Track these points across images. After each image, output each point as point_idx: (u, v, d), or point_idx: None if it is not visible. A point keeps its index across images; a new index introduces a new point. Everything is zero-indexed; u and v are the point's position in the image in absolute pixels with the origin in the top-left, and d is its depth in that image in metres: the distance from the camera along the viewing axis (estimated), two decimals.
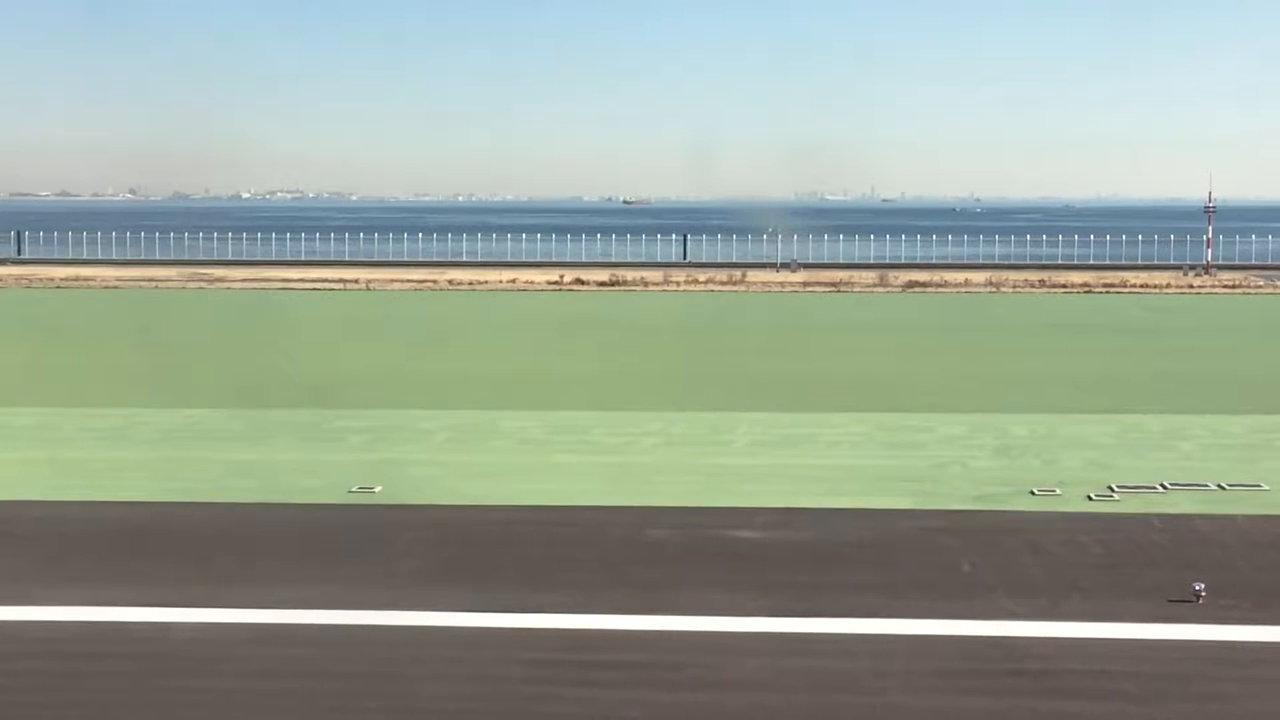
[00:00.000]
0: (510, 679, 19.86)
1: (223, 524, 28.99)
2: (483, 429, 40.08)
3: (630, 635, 21.79)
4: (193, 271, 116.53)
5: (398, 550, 26.70)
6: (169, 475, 33.83)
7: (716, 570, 25.41)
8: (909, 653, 20.67)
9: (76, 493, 31.76)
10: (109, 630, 21.90)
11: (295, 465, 34.82)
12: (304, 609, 22.81)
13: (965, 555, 25.98)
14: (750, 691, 19.20)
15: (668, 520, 29.12)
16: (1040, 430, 39.29)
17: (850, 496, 31.32)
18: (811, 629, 21.85)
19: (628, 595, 23.79)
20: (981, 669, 19.99)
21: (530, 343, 67.06)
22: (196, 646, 21.21)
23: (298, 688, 19.54)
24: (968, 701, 18.79)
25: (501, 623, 22.29)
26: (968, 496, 31.12)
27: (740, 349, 64.06)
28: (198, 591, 23.80)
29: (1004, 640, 21.13)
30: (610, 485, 32.65)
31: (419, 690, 19.43)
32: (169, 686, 19.63)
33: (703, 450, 37.08)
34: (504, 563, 25.97)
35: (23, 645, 21.33)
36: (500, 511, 29.98)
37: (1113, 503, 30.17)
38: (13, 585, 24.21)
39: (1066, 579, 24.39)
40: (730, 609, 22.91)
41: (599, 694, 19.33)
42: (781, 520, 29.05)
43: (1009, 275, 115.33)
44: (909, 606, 22.84)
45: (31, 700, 19.09)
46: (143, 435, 39.31)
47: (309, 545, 27.17)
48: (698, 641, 21.47)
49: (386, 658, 20.70)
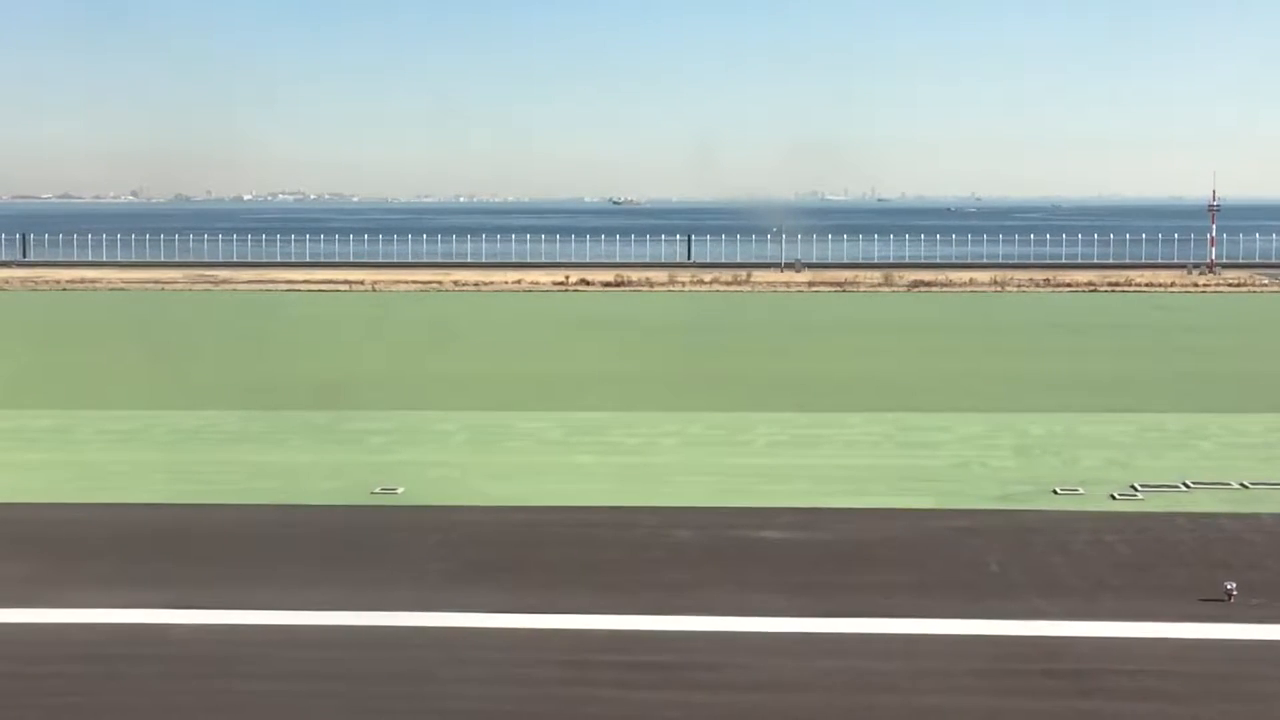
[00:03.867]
0: (548, 680, 19.86)
1: (248, 526, 28.99)
2: (499, 430, 40.08)
3: (665, 636, 21.79)
4: (198, 273, 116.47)
5: (424, 551, 26.71)
6: (190, 478, 33.84)
7: (745, 570, 25.42)
8: (945, 653, 20.67)
9: (99, 495, 31.77)
10: (143, 632, 21.91)
11: (315, 467, 34.81)
12: (336, 610, 22.82)
13: (993, 555, 25.99)
14: (789, 692, 19.21)
15: (692, 520, 29.13)
16: (1058, 429, 39.30)
17: (873, 497, 31.32)
18: (845, 629, 21.86)
19: (658, 596, 23.79)
20: (1019, 669, 20.00)
21: (540, 343, 67.05)
22: (233, 648, 21.21)
23: (336, 690, 19.55)
24: (1007, 702, 18.80)
25: (535, 624, 22.29)
26: (990, 496, 31.13)
27: (751, 349, 64.07)
28: (229, 593, 23.81)
29: (1039, 640, 21.13)
30: (631, 486, 32.65)
31: (457, 692, 19.44)
32: (208, 688, 19.63)
33: (722, 450, 37.09)
34: (532, 563, 25.98)
35: (60, 648, 21.34)
36: (524, 512, 29.98)
37: (1136, 502, 30.18)
38: (44, 587, 24.23)
39: (1096, 578, 24.40)
40: (762, 609, 22.91)
41: (638, 695, 19.33)
42: (806, 520, 29.06)
43: (1014, 275, 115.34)
44: (941, 607, 22.85)
45: (72, 702, 19.11)
46: (161, 437, 39.31)
47: (336, 547, 27.17)
48: (733, 642, 21.47)
49: (422, 659, 20.71)
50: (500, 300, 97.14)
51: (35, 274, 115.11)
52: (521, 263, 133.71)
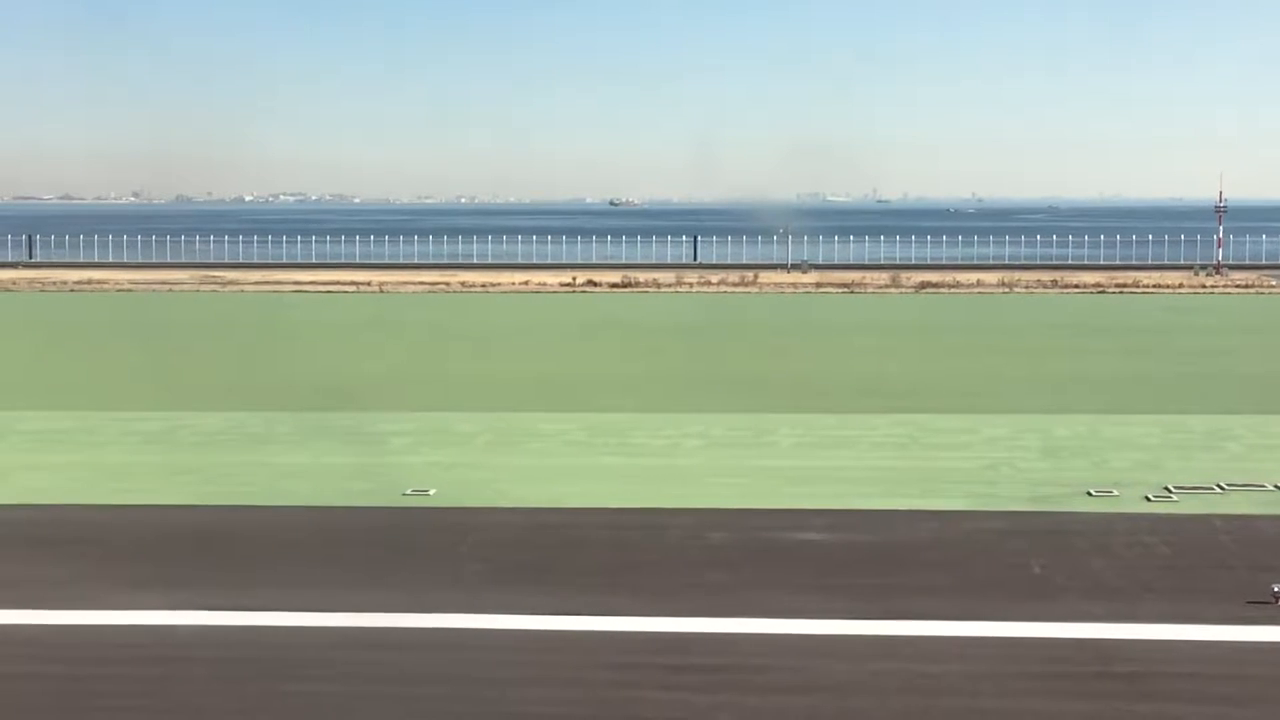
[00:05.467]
0: (599, 682, 19.82)
1: (283, 528, 28.93)
2: (523, 431, 40.03)
3: (710, 638, 21.73)
4: (204, 274, 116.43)
5: (462, 553, 26.66)
6: (219, 479, 33.79)
7: (784, 572, 25.37)
8: (994, 655, 20.62)
9: (129, 497, 31.69)
10: (191, 634, 21.85)
11: (343, 469, 34.74)
12: (381, 612, 22.74)
13: (1033, 557, 25.94)
14: (844, 695, 19.16)
15: (726, 522, 29.08)
16: (1083, 431, 39.26)
17: (904, 498, 31.26)
18: (892, 631, 21.80)
19: (700, 598, 23.73)
20: (1071, 671, 19.95)
21: (554, 345, 67.02)
22: (283, 650, 21.14)
23: (389, 692, 19.49)
24: (1062, 704, 18.75)
25: (579, 625, 22.24)
26: (1023, 498, 31.08)
27: (765, 350, 64.02)
28: (272, 595, 23.74)
29: (1089, 642, 21.08)
30: (659, 488, 32.59)
31: (510, 694, 19.39)
32: (260, 691, 19.58)
33: (748, 452, 37.04)
34: (570, 565, 25.93)
35: (109, 650, 21.27)
36: (556, 514, 29.93)
37: (1171, 504, 30.14)
38: (86, 589, 24.14)
39: (1139, 580, 24.36)
40: (806, 611, 22.84)
41: (689, 697, 19.27)
42: (840, 522, 29.01)
43: (1021, 276, 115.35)
44: (986, 609, 22.80)
45: (129, 704, 19.07)
46: (185, 439, 39.24)
47: (373, 549, 27.11)
48: (779, 644, 21.42)
49: (471, 661, 20.66)
50: (508, 301, 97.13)
51: (42, 275, 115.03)
52: (527, 264, 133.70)
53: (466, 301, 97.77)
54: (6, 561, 26.29)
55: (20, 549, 27.21)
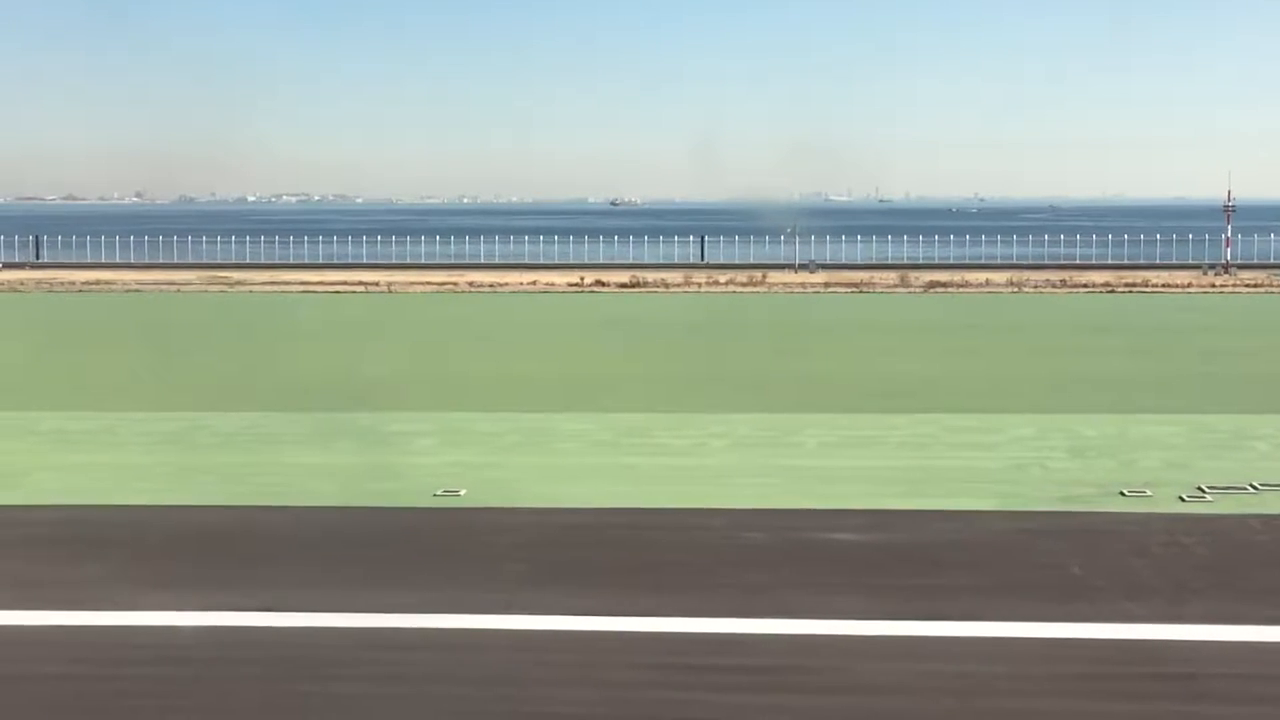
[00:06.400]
0: (641, 684, 19.62)
1: (313, 528, 28.74)
2: (546, 431, 39.82)
3: (751, 638, 21.52)
4: (211, 274, 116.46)
5: (498, 553, 26.44)
6: (242, 479, 33.57)
7: (822, 573, 25.17)
8: (1042, 656, 20.40)
9: (152, 497, 31.45)
10: (228, 635, 21.64)
11: (369, 468, 34.52)
12: (418, 613, 22.53)
13: (1071, 558, 25.71)
14: (894, 695, 18.95)
15: (758, 522, 28.87)
16: (1109, 431, 39.02)
17: (934, 498, 31.05)
18: (935, 632, 21.59)
19: (738, 598, 23.53)
20: (1121, 673, 19.73)
21: (569, 345, 66.89)
22: (318, 650, 20.93)
23: (426, 693, 19.30)
24: (1115, 706, 18.53)
25: (618, 626, 22.04)
26: (1055, 498, 30.85)
27: (780, 350, 63.89)
28: (307, 595, 23.54)
29: (1137, 644, 20.85)
30: (688, 488, 32.37)
31: (550, 695, 19.18)
32: (297, 691, 19.39)
33: (774, 452, 36.82)
34: (606, 565, 25.74)
35: (145, 650, 21.07)
36: (588, 514, 29.72)
37: (1206, 504, 29.91)
38: (118, 589, 23.92)
39: (1181, 581, 24.13)
40: (845, 612, 22.62)
41: (733, 698, 19.06)
42: (873, 523, 28.79)
43: (1029, 275, 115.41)
44: (1028, 609, 22.58)
45: (169, 704, 18.86)
46: (205, 439, 39.02)
47: (407, 549, 26.90)
48: (821, 644, 21.22)
49: (511, 662, 20.46)
50: (518, 301, 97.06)
51: (49, 275, 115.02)
52: (534, 264, 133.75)
53: (476, 301, 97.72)
54: (33, 562, 26.09)
55: (46, 549, 27.00)
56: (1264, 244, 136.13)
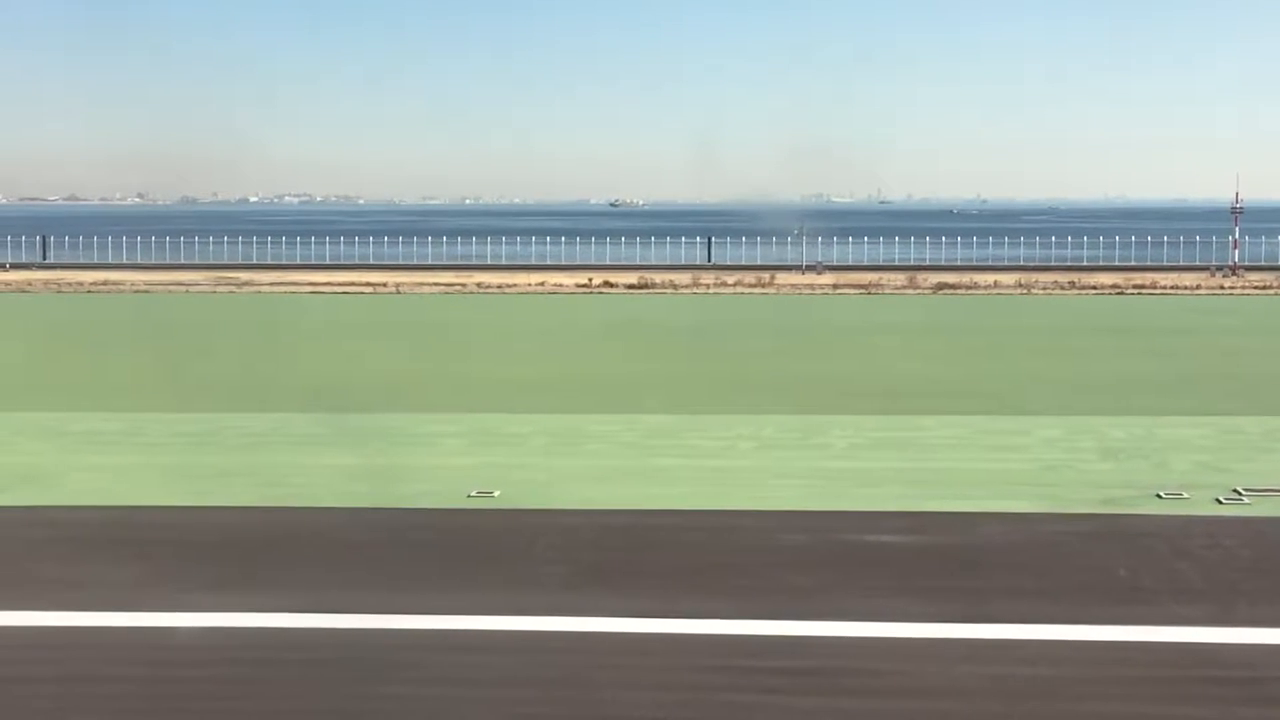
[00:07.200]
0: (704, 686, 19.61)
1: (351, 529, 28.73)
2: (574, 433, 39.83)
3: (797, 641, 21.50)
4: (219, 275, 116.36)
5: (540, 554, 26.45)
6: (276, 480, 33.58)
7: (864, 575, 25.19)
8: (1101, 660, 20.41)
9: (189, 498, 31.42)
10: (280, 636, 21.61)
11: (400, 470, 34.50)
12: (465, 615, 22.52)
13: (1116, 560, 25.73)
14: (954, 698, 18.93)
15: (795, 525, 28.90)
16: (1138, 433, 39.02)
17: (972, 500, 31.07)
18: (992, 635, 21.58)
19: (784, 600, 23.52)
20: (1178, 676, 19.74)
21: (585, 345, 66.93)
22: (367, 652, 20.92)
23: (491, 696, 19.31)
24: (1174, 709, 18.56)
25: (669, 628, 22.02)
26: (1092, 500, 30.85)
27: (797, 351, 63.89)
28: (351, 596, 23.51)
29: (1194, 647, 20.85)
30: (722, 489, 32.37)
31: (615, 699, 19.17)
32: (348, 693, 19.36)
33: (804, 453, 36.84)
34: (648, 567, 25.75)
35: (196, 652, 21.08)
36: (624, 516, 29.73)
37: (1244, 506, 29.92)
38: (163, 591, 23.90)
39: (1229, 584, 24.16)
40: (891, 615, 22.61)
41: (800, 702, 19.06)
42: (912, 525, 28.80)
43: (1037, 277, 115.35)
44: (1078, 612, 22.57)
45: (227, 706, 18.87)
46: (234, 440, 39.02)
47: (449, 550, 26.90)
48: (868, 647, 21.19)
49: (569, 664, 20.46)
50: (527, 302, 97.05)
51: (57, 276, 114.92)
52: (541, 265, 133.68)
53: (486, 302, 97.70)
54: (77, 563, 26.08)
55: (89, 550, 26.98)
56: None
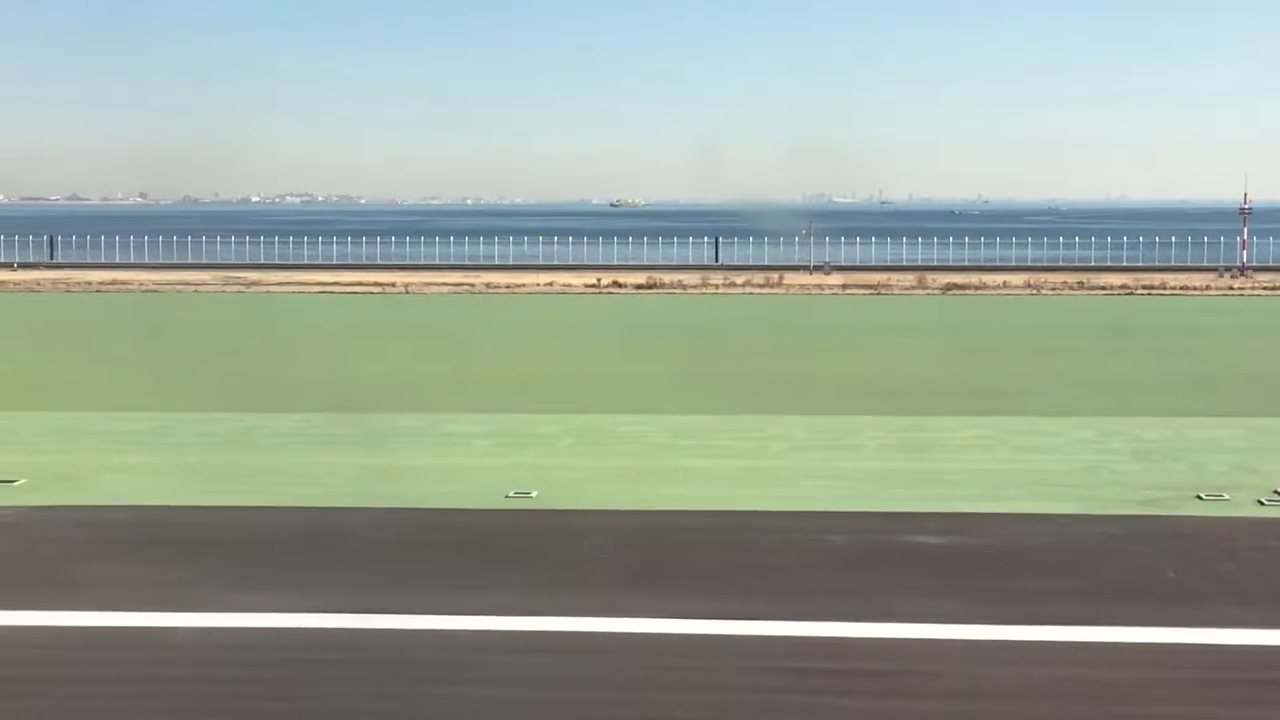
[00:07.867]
0: (759, 688, 19.45)
1: (392, 530, 28.56)
2: (604, 433, 39.69)
3: (862, 643, 21.35)
4: (226, 275, 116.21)
5: (583, 555, 26.32)
6: (307, 481, 33.39)
7: (909, 576, 25.03)
8: (1157, 662, 20.28)
9: (223, 498, 31.25)
10: (319, 636, 21.46)
11: (431, 470, 34.39)
12: (514, 615, 22.37)
13: (1162, 561, 25.60)
14: (1021, 702, 18.80)
15: (838, 525, 28.76)
16: (1169, 433, 38.89)
17: (1011, 501, 30.92)
18: (1044, 636, 21.44)
19: (833, 601, 23.38)
20: (1242, 678, 19.61)
21: (601, 346, 66.81)
22: (416, 652, 20.79)
23: (550, 697, 19.17)
24: (1245, 712, 18.43)
25: (721, 629, 21.89)
26: (1131, 501, 30.72)
27: (814, 351, 63.81)
28: (399, 597, 23.37)
29: (1251, 649, 20.73)
30: (758, 490, 32.23)
31: (674, 701, 19.04)
32: (402, 694, 19.22)
33: (836, 454, 36.71)
34: (691, 568, 25.58)
35: (244, 651, 20.89)
36: (664, 516, 29.58)
37: None
38: (206, 591, 23.74)
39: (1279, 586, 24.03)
40: (940, 616, 22.48)
41: (860, 704, 18.93)
42: (952, 525, 28.66)
43: (1046, 277, 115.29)
44: (1133, 614, 22.45)
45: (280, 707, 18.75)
46: (262, 440, 38.87)
47: (491, 551, 26.72)
48: (918, 649, 21.03)
49: (624, 666, 20.31)
50: (537, 302, 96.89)
51: (64, 275, 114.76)
52: (548, 265, 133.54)
53: (495, 302, 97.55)
54: (116, 563, 25.91)
55: (126, 550, 26.82)
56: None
